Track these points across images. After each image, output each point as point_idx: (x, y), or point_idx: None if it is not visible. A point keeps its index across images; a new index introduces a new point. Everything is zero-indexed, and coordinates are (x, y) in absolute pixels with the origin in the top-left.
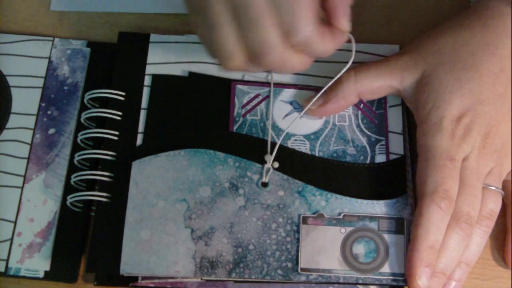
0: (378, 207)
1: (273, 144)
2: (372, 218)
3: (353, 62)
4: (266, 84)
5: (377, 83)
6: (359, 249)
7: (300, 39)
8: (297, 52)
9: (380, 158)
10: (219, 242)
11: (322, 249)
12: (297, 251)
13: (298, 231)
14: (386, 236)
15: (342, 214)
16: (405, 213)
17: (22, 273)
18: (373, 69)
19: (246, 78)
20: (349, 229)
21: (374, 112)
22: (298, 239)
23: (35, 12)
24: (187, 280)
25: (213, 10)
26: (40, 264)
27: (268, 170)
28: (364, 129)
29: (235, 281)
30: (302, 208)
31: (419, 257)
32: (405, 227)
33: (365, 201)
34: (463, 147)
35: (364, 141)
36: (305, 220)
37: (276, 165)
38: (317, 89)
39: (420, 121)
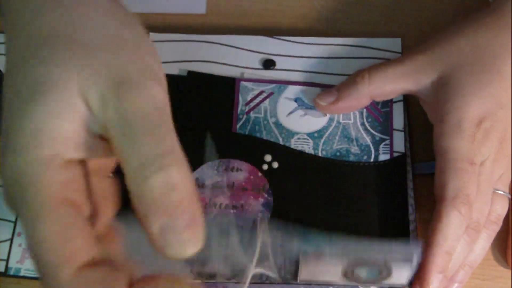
0: (388, 249)
1: (275, 144)
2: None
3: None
4: (271, 81)
5: (391, 86)
6: (362, 272)
7: None
8: None
9: (384, 158)
10: (214, 267)
11: (322, 273)
12: (296, 271)
13: (297, 265)
14: (392, 265)
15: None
16: (415, 253)
17: (22, 273)
18: (387, 72)
19: (247, 76)
20: (353, 260)
21: (379, 110)
22: (297, 264)
23: None
24: None
25: None
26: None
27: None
28: (369, 128)
29: (236, 282)
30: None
31: (435, 262)
32: (414, 259)
33: (373, 245)
34: (482, 151)
35: (368, 140)
36: (304, 257)
37: (276, 165)
38: (322, 86)
39: (437, 121)
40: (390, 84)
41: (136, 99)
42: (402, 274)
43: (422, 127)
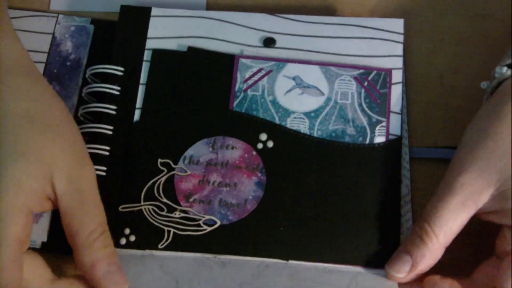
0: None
1: (270, 123)
2: None
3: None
4: (270, 58)
5: (457, 223)
6: None
7: None
8: None
9: (379, 140)
10: None
11: None
12: None
13: None
14: None
15: None
16: None
17: None
18: (446, 214)
19: (247, 53)
20: None
21: (378, 91)
22: None
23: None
24: None
25: None
26: (37, 235)
27: None
28: (366, 109)
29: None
30: None
31: None
32: None
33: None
34: None
35: (364, 121)
36: None
37: (271, 144)
38: (322, 65)
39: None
40: (455, 223)
41: (89, 176)
42: None
43: (421, 110)
